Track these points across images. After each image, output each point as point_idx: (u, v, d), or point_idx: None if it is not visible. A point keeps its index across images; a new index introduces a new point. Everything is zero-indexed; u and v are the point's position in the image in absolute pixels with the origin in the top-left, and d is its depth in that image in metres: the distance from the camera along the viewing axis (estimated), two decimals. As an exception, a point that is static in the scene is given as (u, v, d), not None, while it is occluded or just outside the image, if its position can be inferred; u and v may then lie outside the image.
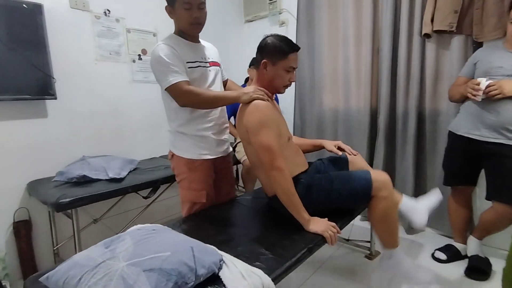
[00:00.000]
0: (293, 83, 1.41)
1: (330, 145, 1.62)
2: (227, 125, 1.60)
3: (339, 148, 1.60)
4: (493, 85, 1.48)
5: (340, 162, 1.56)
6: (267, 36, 1.36)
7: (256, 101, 1.29)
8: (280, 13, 2.81)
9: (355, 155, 1.59)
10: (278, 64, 1.32)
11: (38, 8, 1.72)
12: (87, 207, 1.61)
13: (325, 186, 1.34)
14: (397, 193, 1.45)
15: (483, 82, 1.50)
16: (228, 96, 1.38)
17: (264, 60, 1.34)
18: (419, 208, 1.46)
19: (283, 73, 1.33)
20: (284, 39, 1.34)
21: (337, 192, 1.33)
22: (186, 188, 1.45)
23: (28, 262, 1.77)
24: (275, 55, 1.31)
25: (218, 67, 1.52)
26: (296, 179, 1.34)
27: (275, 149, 1.24)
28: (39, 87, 1.78)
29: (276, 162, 1.23)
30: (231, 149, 1.66)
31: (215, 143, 1.48)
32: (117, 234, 1.01)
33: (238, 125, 1.39)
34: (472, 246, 1.77)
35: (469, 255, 1.78)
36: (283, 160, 1.25)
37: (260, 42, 1.37)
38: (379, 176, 1.33)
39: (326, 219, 1.28)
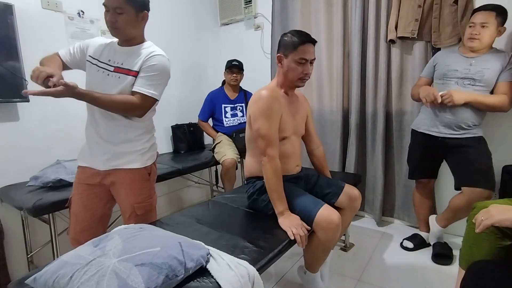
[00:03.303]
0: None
1: None
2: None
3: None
4: (445, 95, 1.64)
5: (331, 186, 1.53)
6: (286, 33, 1.40)
7: (262, 91, 1.36)
8: (255, 17, 2.89)
9: None
10: (289, 56, 1.35)
11: (9, 8, 1.66)
12: (64, 211, 1.58)
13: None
14: (334, 241, 1.36)
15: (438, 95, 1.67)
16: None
17: (278, 54, 1.39)
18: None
19: (294, 66, 1.34)
20: (299, 33, 1.36)
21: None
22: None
23: (0, 271, 1.70)
24: (286, 48, 1.35)
25: (126, 75, 1.28)
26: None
27: (269, 138, 1.32)
28: (10, 89, 1.72)
29: (268, 150, 1.32)
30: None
31: None
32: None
33: (247, 111, 1.43)
34: (435, 233, 1.92)
35: (431, 242, 1.94)
36: (276, 150, 1.33)
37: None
38: (327, 216, 1.26)
39: (298, 217, 1.29)
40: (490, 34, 1.63)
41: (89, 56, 1.33)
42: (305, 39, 1.34)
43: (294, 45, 1.33)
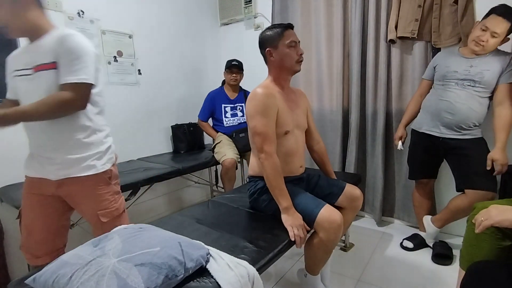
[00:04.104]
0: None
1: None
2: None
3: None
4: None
5: (332, 186, 1.53)
6: (263, 31, 1.45)
7: (256, 89, 1.36)
8: (255, 17, 2.89)
9: None
10: (279, 45, 1.38)
11: (9, 8, 1.66)
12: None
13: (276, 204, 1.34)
14: (336, 241, 1.33)
15: (399, 146, 2.03)
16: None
17: (267, 49, 1.40)
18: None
19: (288, 51, 1.37)
20: (273, 25, 1.43)
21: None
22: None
23: (0, 271, 1.70)
24: (273, 40, 1.38)
25: (46, 70, 1.10)
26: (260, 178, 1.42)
27: (265, 135, 1.31)
28: (10, 89, 1.71)
29: (265, 147, 1.31)
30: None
31: None
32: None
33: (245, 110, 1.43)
34: (432, 234, 1.93)
35: (428, 243, 1.95)
36: (273, 146, 1.32)
37: (258, 41, 1.47)
38: (329, 216, 1.26)
39: (301, 217, 1.29)
40: (496, 43, 1.60)
41: (9, 73, 1.19)
42: (286, 25, 1.41)
43: (279, 33, 1.38)
